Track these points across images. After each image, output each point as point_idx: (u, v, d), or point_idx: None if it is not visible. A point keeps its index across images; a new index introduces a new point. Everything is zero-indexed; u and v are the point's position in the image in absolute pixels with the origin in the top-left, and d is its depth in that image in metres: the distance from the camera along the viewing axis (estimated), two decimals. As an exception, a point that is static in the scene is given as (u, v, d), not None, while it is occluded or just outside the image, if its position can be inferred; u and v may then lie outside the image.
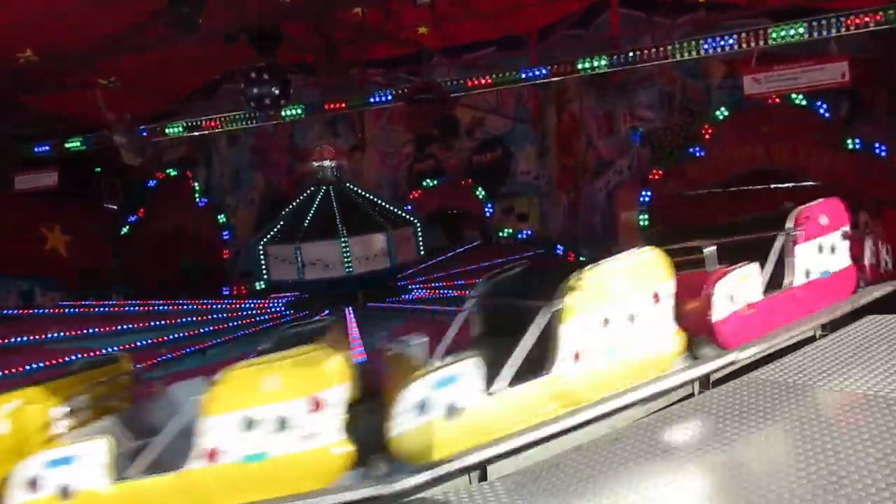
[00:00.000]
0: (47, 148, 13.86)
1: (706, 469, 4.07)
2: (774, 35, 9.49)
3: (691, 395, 5.03)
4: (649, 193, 12.03)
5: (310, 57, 12.80)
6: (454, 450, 4.32)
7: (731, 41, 9.85)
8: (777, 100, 10.90)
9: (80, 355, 7.82)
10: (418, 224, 11.86)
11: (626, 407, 4.79)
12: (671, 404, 4.89)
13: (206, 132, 13.60)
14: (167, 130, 13.42)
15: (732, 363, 5.19)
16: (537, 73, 11.07)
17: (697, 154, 11.98)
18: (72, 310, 13.29)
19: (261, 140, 16.27)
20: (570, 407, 4.62)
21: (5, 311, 12.73)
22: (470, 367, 4.49)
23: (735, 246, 5.70)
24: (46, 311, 13.37)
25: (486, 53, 13.55)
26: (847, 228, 6.01)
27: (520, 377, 4.58)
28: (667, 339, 5.00)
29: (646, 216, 11.99)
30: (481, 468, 4.43)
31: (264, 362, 4.47)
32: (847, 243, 6.01)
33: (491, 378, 4.52)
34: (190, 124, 13.37)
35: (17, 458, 4.53)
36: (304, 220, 11.04)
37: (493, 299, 5.48)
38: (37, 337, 11.06)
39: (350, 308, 10.46)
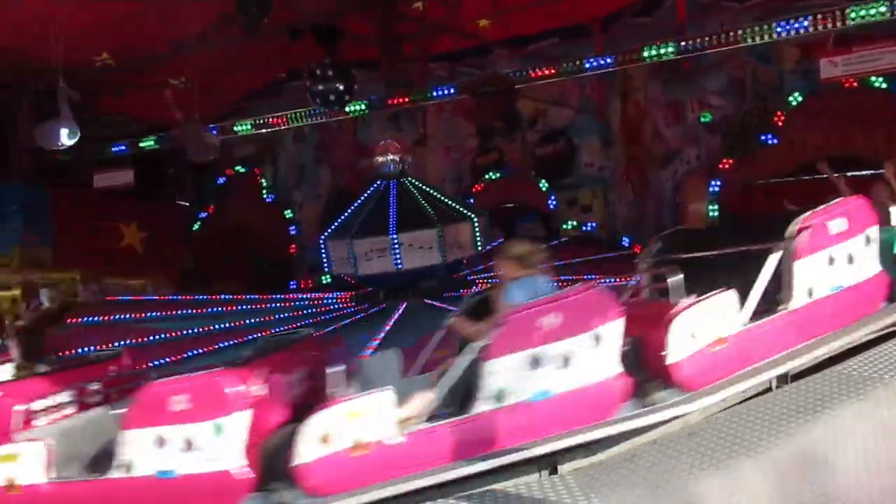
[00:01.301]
0: (123, 147, 14.35)
1: (785, 466, 3.93)
2: (853, 15, 9.06)
3: (769, 389, 4.86)
4: (719, 183, 11.71)
5: (372, 52, 12.90)
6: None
7: (805, 23, 9.45)
8: (855, 83, 10.44)
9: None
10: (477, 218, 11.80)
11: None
12: (748, 399, 4.73)
13: (272, 129, 13.85)
14: (235, 128, 13.72)
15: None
16: (602, 62, 10.85)
17: (769, 141, 11.60)
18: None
19: (325, 136, 16.51)
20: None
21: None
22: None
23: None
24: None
25: (549, 44, 13.40)
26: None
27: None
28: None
29: (715, 206, 11.68)
30: (551, 462, 4.39)
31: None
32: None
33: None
34: (257, 122, 13.64)
35: None
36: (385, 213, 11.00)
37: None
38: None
39: (405, 303, 10.47)
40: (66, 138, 9.76)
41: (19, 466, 4.80)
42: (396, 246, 10.52)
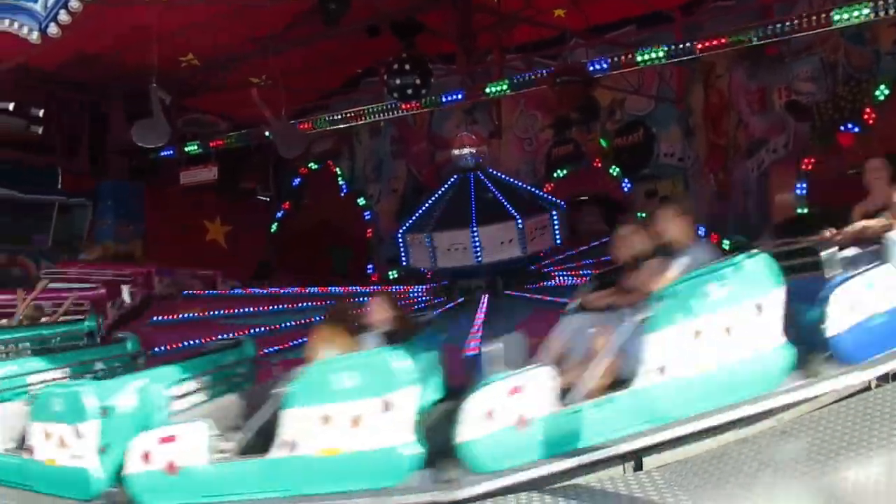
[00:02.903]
0: (207, 144, 14.84)
1: (884, 469, 3.76)
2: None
3: (868, 388, 4.63)
4: (808, 173, 11.20)
5: (448, 46, 12.93)
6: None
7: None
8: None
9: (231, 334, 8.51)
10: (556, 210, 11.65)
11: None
12: (844, 398, 4.53)
13: (349, 125, 14.06)
14: (314, 124, 14.00)
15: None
16: (683, 49, 10.51)
17: (862, 128, 11.01)
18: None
19: (401, 131, 16.67)
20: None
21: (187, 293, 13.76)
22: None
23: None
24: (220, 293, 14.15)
25: (628, 32, 13.12)
26: None
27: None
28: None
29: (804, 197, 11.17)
30: (636, 458, 4.33)
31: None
32: None
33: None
34: (334, 117, 13.88)
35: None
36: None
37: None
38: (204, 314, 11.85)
39: (486, 296, 10.44)
40: (158, 137, 10.17)
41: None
42: (476, 239, 10.49)
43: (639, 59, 10.72)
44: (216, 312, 11.88)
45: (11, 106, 13.64)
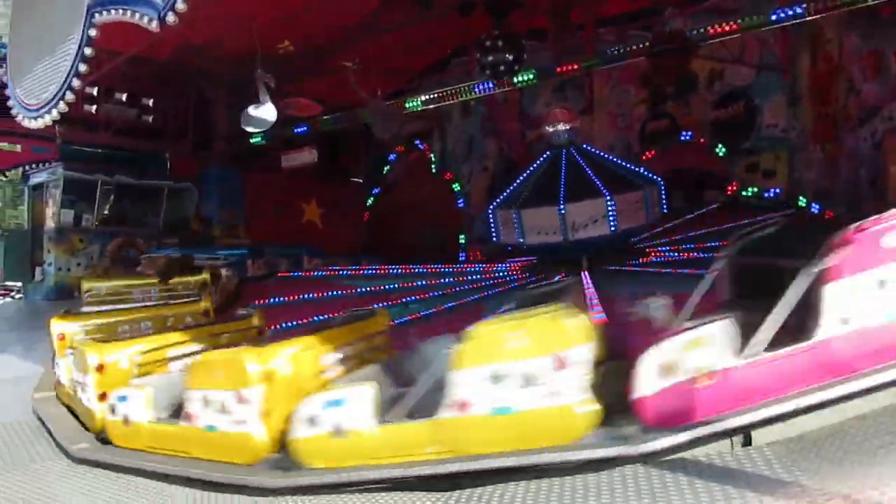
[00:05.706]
0: (305, 128, 15.24)
1: None
2: None
3: None
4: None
5: (540, 22, 12.76)
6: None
7: None
8: None
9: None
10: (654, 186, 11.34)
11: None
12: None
13: (441, 104, 14.11)
14: (406, 105, 14.14)
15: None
16: (790, 12, 9.98)
17: None
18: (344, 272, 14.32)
19: (492, 109, 16.61)
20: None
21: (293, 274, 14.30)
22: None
23: None
24: (321, 273, 14.51)
25: (727, -2, 12.56)
26: None
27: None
28: None
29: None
30: (745, 433, 4.21)
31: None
32: None
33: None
34: (427, 98, 13.96)
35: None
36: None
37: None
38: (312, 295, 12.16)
39: (586, 271, 10.31)
40: (266, 120, 10.43)
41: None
42: (612, 210, 10.32)
43: (741, 24, 10.24)
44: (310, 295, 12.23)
45: (125, 97, 14.43)
